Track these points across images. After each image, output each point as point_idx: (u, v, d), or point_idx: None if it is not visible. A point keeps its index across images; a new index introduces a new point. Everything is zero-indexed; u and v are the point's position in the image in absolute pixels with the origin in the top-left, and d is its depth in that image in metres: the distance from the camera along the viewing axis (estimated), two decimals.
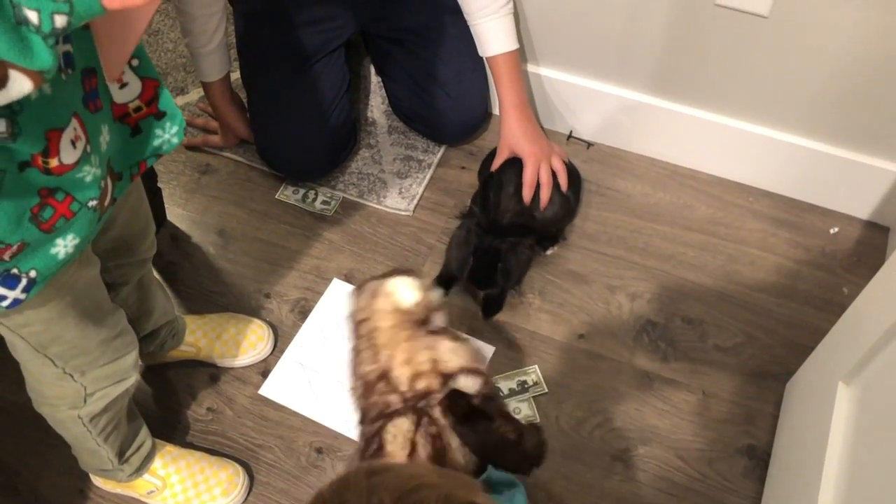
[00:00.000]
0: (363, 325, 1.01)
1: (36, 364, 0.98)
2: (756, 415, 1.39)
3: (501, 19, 1.44)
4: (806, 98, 1.47)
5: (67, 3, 0.54)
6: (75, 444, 1.19)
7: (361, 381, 0.99)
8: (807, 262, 1.57)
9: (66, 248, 0.79)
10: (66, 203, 0.75)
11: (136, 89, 0.83)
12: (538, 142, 1.48)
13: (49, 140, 0.68)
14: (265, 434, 1.38)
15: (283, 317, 1.51)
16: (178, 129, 0.89)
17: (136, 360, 1.10)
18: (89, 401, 1.07)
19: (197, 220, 1.64)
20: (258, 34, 1.59)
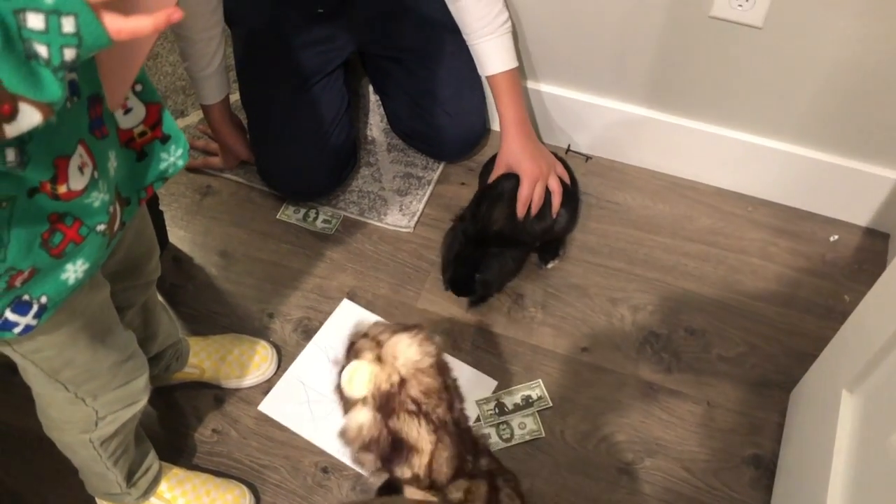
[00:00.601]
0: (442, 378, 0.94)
1: (48, 389, 0.99)
2: (761, 424, 1.39)
3: (500, 38, 1.45)
4: (802, 107, 1.48)
5: (76, 37, 0.55)
6: (84, 467, 1.19)
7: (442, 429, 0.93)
8: (808, 271, 1.57)
9: (76, 273, 0.80)
10: (74, 228, 0.76)
11: (141, 114, 0.84)
12: (536, 160, 1.49)
13: (57, 167, 0.69)
14: (271, 454, 1.38)
15: (286, 336, 1.51)
16: (182, 152, 0.90)
17: (147, 382, 1.11)
18: (100, 424, 1.07)
19: (199, 242, 1.65)
20: (257, 56, 1.60)
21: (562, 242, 1.60)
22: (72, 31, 0.54)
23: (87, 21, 0.55)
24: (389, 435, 0.91)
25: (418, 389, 0.91)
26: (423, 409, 0.91)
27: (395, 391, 0.91)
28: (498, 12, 1.44)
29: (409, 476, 0.93)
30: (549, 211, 1.50)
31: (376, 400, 0.91)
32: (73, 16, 0.54)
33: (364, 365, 0.91)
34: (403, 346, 0.92)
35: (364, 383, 0.91)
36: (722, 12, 1.37)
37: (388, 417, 0.91)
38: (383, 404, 0.90)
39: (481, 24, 1.43)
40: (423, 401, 0.91)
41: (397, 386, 0.91)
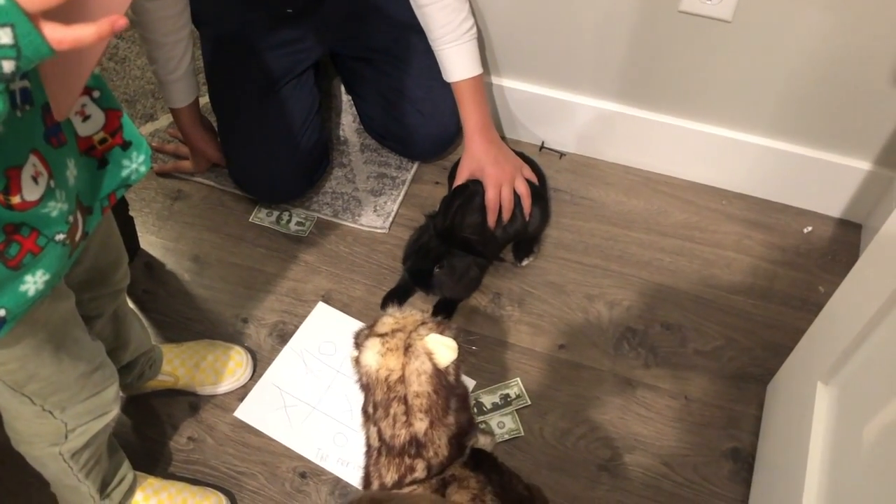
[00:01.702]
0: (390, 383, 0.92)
1: (13, 403, 0.96)
2: (739, 417, 1.39)
3: (464, 45, 1.45)
4: (772, 99, 1.48)
5: (14, 48, 0.53)
6: (55, 481, 1.17)
7: (383, 443, 0.93)
8: (782, 263, 1.58)
9: (36, 284, 0.78)
10: (32, 238, 0.74)
11: (100, 121, 0.82)
12: (500, 164, 1.48)
13: (9, 178, 0.68)
14: (247, 461, 1.37)
15: (261, 341, 1.49)
16: (144, 158, 0.88)
17: (117, 393, 1.08)
18: (70, 437, 1.05)
19: (171, 247, 1.63)
20: (226, 59, 1.59)
21: (536, 240, 1.60)
22: (9, 42, 0.53)
23: (25, 31, 0.53)
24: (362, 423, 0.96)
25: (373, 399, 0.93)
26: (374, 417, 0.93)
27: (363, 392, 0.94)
28: (462, 20, 1.43)
29: None
30: (521, 213, 1.50)
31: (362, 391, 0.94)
32: (9, 26, 0.52)
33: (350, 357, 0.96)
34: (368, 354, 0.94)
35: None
36: (691, 7, 1.37)
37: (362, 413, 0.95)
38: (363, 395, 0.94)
39: (445, 30, 1.43)
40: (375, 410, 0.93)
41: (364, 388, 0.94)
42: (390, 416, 0.91)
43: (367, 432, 0.96)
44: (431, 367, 0.90)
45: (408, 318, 0.95)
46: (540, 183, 1.59)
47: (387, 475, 0.93)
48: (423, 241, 1.46)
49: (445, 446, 0.92)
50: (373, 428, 0.94)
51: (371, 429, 0.94)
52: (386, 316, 0.97)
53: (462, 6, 1.42)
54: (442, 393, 0.91)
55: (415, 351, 0.91)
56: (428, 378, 0.90)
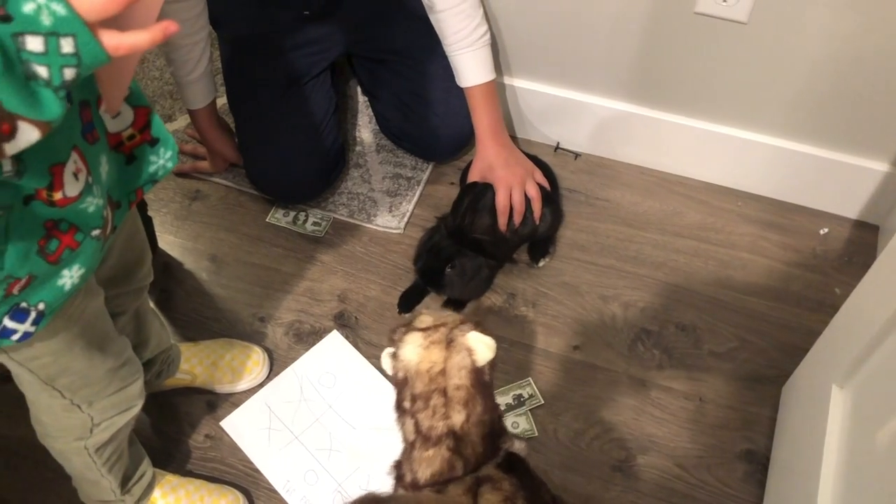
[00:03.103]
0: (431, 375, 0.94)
1: (43, 397, 0.99)
2: (753, 419, 1.39)
3: (477, 52, 1.45)
4: (789, 101, 1.48)
5: (75, 57, 0.55)
6: (78, 475, 1.19)
7: (419, 435, 0.95)
8: (798, 264, 1.58)
9: (73, 278, 0.80)
10: (70, 234, 0.77)
11: (129, 118, 0.84)
12: (510, 167, 1.49)
13: (53, 175, 0.70)
14: None
15: (277, 340, 1.51)
16: (171, 154, 0.90)
17: (142, 388, 1.10)
18: (95, 431, 1.07)
19: (189, 247, 1.64)
20: (244, 60, 1.60)
21: (551, 240, 1.60)
22: (71, 51, 0.55)
23: (86, 41, 0.55)
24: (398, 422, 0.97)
25: (412, 392, 0.95)
26: (412, 410, 0.94)
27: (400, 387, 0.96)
28: (476, 26, 1.43)
29: None
30: (531, 216, 1.51)
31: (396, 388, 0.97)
32: (71, 37, 0.55)
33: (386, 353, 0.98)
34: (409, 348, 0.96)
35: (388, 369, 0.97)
36: (707, 8, 1.37)
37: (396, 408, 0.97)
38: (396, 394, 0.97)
39: (459, 36, 1.43)
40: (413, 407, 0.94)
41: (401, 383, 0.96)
42: (430, 407, 0.93)
43: (402, 427, 0.98)
44: (471, 363, 0.93)
45: (447, 316, 0.98)
46: (551, 185, 1.59)
47: (422, 470, 0.94)
48: (434, 241, 1.47)
49: (480, 443, 0.94)
50: (409, 421, 0.95)
51: (407, 422, 0.96)
52: (424, 314, 1.00)
53: (476, 12, 1.43)
54: (479, 389, 0.94)
55: (456, 346, 0.94)
56: (467, 373, 0.93)
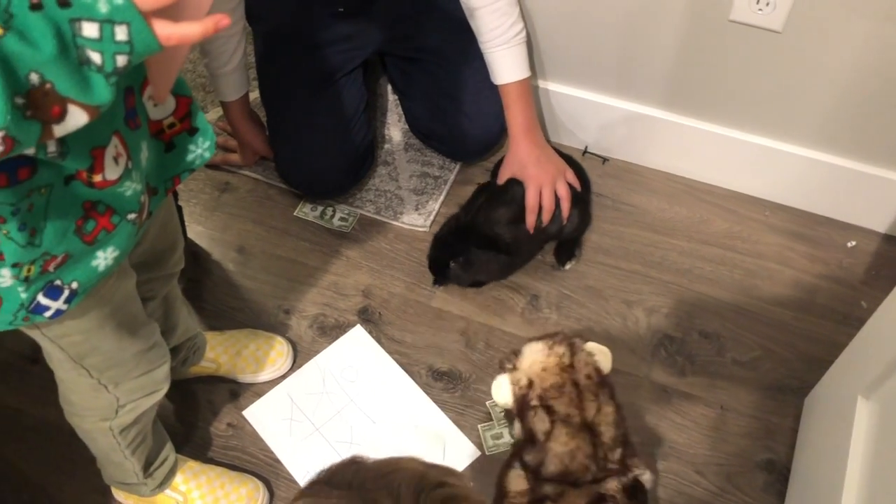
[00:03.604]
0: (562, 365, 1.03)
1: (72, 375, 1.00)
2: (775, 429, 1.39)
3: (513, 49, 1.46)
4: (821, 111, 1.47)
5: (128, 45, 0.56)
6: (102, 456, 1.21)
7: (558, 421, 1.01)
8: (824, 276, 1.57)
9: (107, 260, 0.82)
10: (107, 216, 0.78)
11: (171, 106, 0.86)
12: (542, 165, 1.49)
13: (94, 157, 0.71)
14: None
15: (301, 333, 1.52)
16: (209, 144, 0.92)
17: (168, 372, 1.12)
18: (121, 412, 1.09)
19: (217, 238, 1.66)
20: (278, 54, 1.62)
21: (577, 243, 1.60)
22: (124, 38, 0.56)
23: (139, 29, 0.56)
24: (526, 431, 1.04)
25: (542, 387, 1.01)
26: (544, 402, 1.01)
27: (524, 392, 1.03)
28: (512, 23, 1.44)
29: None
30: (559, 216, 1.51)
31: (517, 404, 1.04)
32: (125, 24, 0.56)
33: (501, 377, 1.05)
34: (531, 352, 1.04)
35: (506, 393, 1.04)
36: (741, 16, 1.36)
37: (523, 416, 1.03)
38: (520, 406, 1.03)
39: (495, 34, 1.44)
40: (545, 396, 1.01)
41: (526, 387, 1.03)
42: (565, 394, 1.00)
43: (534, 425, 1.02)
44: (594, 363, 1.03)
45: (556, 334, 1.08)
46: (583, 186, 1.59)
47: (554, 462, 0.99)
48: (443, 232, 1.52)
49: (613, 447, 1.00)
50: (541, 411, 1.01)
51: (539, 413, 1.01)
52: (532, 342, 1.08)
53: (512, 10, 1.44)
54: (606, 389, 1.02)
55: (577, 349, 1.03)
56: (592, 370, 1.02)
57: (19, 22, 0.53)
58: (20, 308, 0.78)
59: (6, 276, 0.75)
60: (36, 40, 0.53)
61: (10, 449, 1.40)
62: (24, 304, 0.78)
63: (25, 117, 0.54)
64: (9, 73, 0.52)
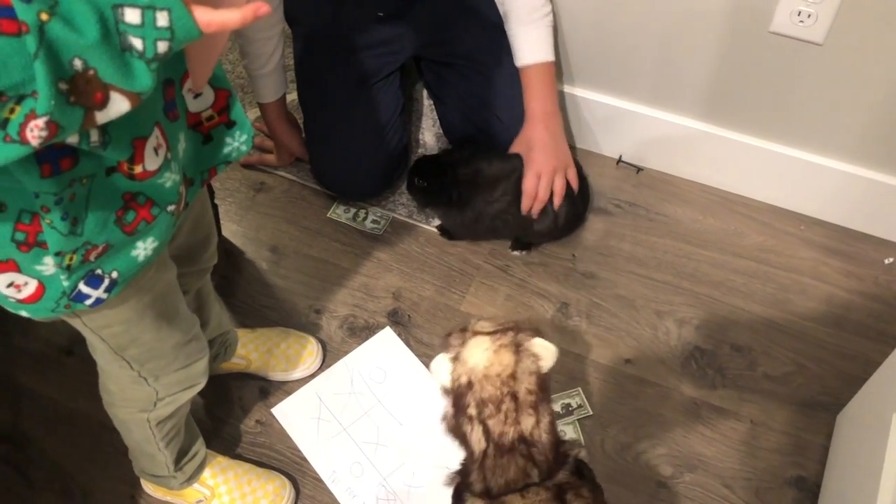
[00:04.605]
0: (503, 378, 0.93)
1: (114, 366, 1.02)
2: (806, 446, 1.37)
3: (540, 29, 1.45)
4: (860, 126, 1.46)
5: (169, 30, 0.57)
6: (135, 447, 1.23)
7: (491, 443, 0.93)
8: (860, 293, 1.55)
9: (146, 250, 0.83)
10: (147, 207, 0.80)
11: (210, 99, 0.87)
12: (547, 153, 1.47)
13: (135, 148, 0.72)
14: None
15: (331, 333, 1.53)
16: (246, 138, 0.93)
17: (206, 366, 1.13)
18: (159, 405, 1.11)
19: (251, 237, 1.68)
20: (317, 57, 1.63)
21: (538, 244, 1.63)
22: (165, 25, 0.57)
23: (180, 16, 0.57)
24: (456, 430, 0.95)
25: (480, 395, 0.92)
26: (481, 417, 0.92)
27: (462, 391, 0.93)
28: (542, 4, 1.43)
29: None
30: (550, 210, 1.52)
31: (452, 396, 0.94)
32: (166, 10, 0.57)
33: (443, 358, 0.95)
34: (476, 347, 0.94)
35: (445, 377, 0.95)
36: (782, 28, 1.36)
37: (456, 414, 0.94)
38: (455, 401, 0.94)
39: (523, 11, 1.43)
40: (482, 410, 0.92)
41: (465, 387, 0.93)
42: (501, 412, 0.91)
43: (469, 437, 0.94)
44: (538, 369, 0.93)
45: (507, 322, 0.97)
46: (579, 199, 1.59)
47: (496, 478, 0.92)
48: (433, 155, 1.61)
49: (550, 449, 0.93)
50: (478, 427, 0.93)
51: (475, 429, 0.93)
52: (482, 320, 0.98)
53: None
54: (546, 394, 0.94)
55: (524, 350, 0.93)
56: (536, 378, 0.93)
57: (64, 8, 0.54)
58: (62, 296, 0.80)
59: (49, 264, 0.77)
60: (80, 26, 0.54)
61: (43, 438, 1.43)
62: (65, 292, 0.79)
63: (69, 103, 0.55)
64: (53, 58, 0.53)
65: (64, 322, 0.91)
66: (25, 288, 0.78)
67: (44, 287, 0.79)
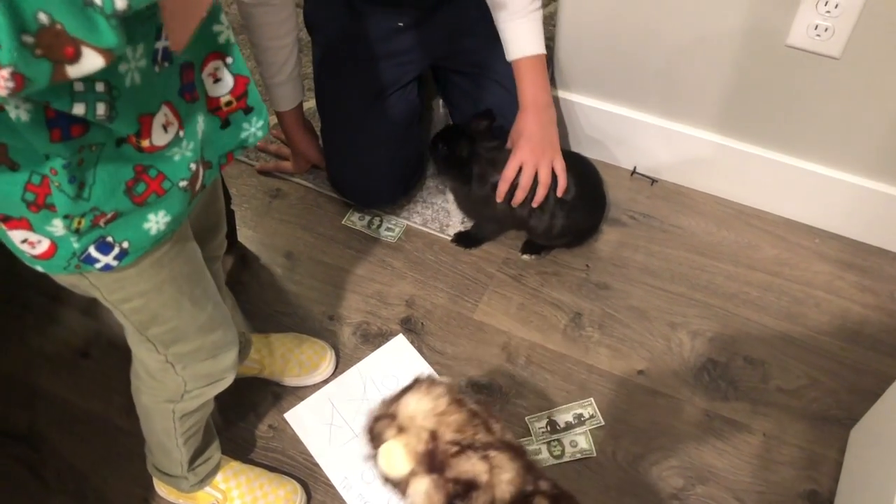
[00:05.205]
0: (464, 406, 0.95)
1: (140, 349, 1.04)
2: (819, 460, 1.36)
3: (530, 22, 1.44)
4: (877, 140, 1.45)
5: None
6: (153, 439, 1.24)
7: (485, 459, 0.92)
8: (874, 307, 1.54)
9: (158, 224, 0.85)
10: (158, 180, 0.82)
11: (229, 85, 0.88)
12: (534, 142, 1.46)
13: (141, 124, 0.75)
14: None
15: (345, 339, 1.54)
16: (262, 124, 0.94)
17: (235, 361, 1.14)
18: (186, 397, 1.12)
19: (266, 243, 1.69)
20: (335, 65, 1.64)
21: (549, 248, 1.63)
22: None
23: None
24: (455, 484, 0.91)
25: (451, 430, 0.91)
26: (464, 444, 0.91)
27: (432, 447, 0.91)
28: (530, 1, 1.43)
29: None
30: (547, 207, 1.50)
31: (424, 465, 0.91)
32: None
33: (393, 443, 0.91)
34: (414, 404, 0.93)
35: (403, 459, 0.91)
36: (799, 41, 1.36)
37: (442, 472, 0.91)
38: (431, 463, 0.91)
39: (514, 7, 1.42)
40: (460, 438, 0.91)
41: (432, 441, 0.91)
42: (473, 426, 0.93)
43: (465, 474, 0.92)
44: None
45: None
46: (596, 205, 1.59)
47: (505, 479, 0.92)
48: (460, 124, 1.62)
49: None
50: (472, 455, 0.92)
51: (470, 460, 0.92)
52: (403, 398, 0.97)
53: None
54: None
55: None
56: None
57: None
58: (72, 256, 0.82)
59: (58, 226, 0.79)
60: None
61: (58, 439, 1.44)
62: (75, 253, 0.82)
63: (35, 56, 0.55)
64: (13, 10, 0.53)
65: (80, 324, 0.92)
66: (39, 245, 0.81)
67: (56, 246, 0.82)
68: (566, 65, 1.65)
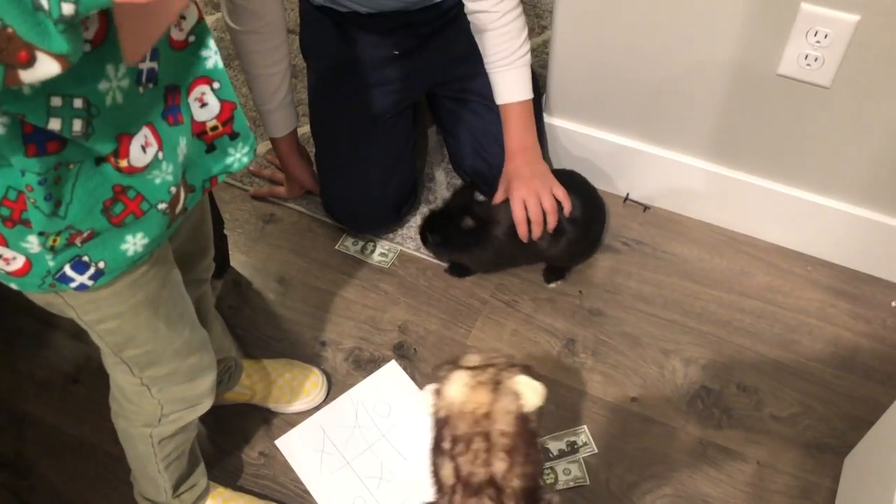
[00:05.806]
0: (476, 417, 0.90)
1: (116, 371, 1.04)
2: (813, 488, 1.36)
3: (517, 70, 1.47)
4: (868, 168, 1.46)
5: None
6: (137, 466, 1.22)
7: (459, 481, 0.89)
8: (867, 335, 1.54)
9: (136, 245, 0.85)
10: (136, 201, 0.81)
11: (215, 110, 0.88)
12: (525, 180, 1.48)
13: (119, 143, 0.75)
14: None
15: (337, 365, 1.53)
16: (248, 150, 0.94)
17: (212, 386, 1.13)
18: (163, 421, 1.11)
19: (259, 268, 1.69)
20: (330, 91, 1.65)
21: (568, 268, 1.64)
22: None
23: None
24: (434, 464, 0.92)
25: (453, 432, 0.90)
26: (453, 454, 0.90)
27: (440, 426, 0.91)
28: (519, 46, 1.45)
29: None
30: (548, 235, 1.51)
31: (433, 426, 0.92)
32: None
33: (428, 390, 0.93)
34: (456, 382, 0.92)
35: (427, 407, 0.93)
36: (789, 71, 1.37)
37: (433, 447, 0.92)
38: (435, 432, 0.92)
39: (500, 55, 1.45)
40: (455, 447, 0.90)
41: (442, 421, 0.91)
42: (471, 451, 0.88)
43: (439, 471, 0.92)
44: (517, 408, 0.89)
45: (496, 357, 0.94)
46: (595, 222, 1.60)
47: None
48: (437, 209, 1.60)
49: (522, 497, 0.89)
50: (449, 464, 0.90)
51: (447, 465, 0.91)
52: (472, 353, 0.96)
53: (521, 34, 1.44)
54: (524, 437, 0.89)
55: (504, 389, 0.90)
56: (513, 419, 0.88)
57: None
58: (47, 274, 0.82)
59: (33, 242, 0.79)
60: None
61: (47, 465, 1.42)
62: (50, 271, 0.82)
63: None
64: None
65: (71, 349, 0.92)
66: (14, 262, 0.81)
67: (31, 263, 0.81)
68: (559, 92, 1.67)
